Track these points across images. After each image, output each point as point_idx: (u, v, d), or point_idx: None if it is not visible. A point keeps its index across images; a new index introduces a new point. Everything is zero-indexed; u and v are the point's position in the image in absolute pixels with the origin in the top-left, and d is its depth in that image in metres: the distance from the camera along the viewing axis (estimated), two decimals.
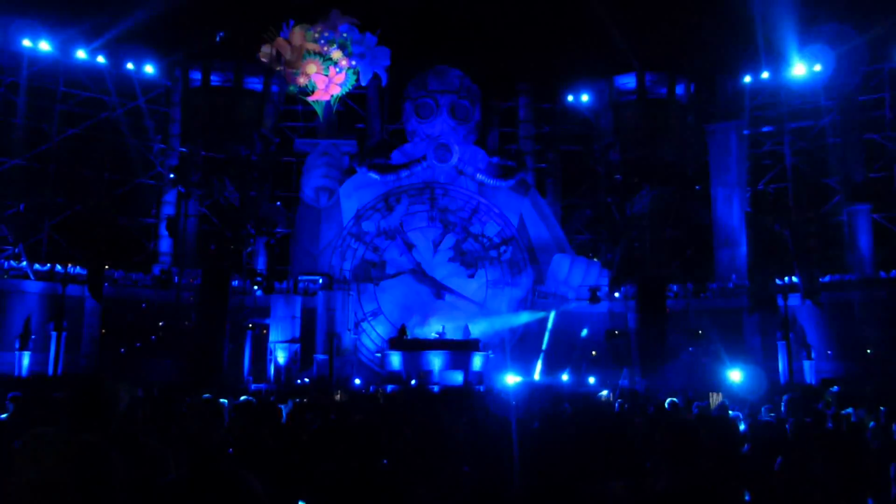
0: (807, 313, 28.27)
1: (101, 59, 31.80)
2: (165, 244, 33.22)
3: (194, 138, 31.88)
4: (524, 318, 32.59)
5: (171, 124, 34.17)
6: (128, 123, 32.79)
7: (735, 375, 24.93)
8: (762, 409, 12.85)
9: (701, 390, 22.20)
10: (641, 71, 32.80)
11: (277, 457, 6.29)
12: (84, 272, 27.92)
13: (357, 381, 28.91)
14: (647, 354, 28.38)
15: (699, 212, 33.38)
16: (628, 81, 33.26)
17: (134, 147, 32.89)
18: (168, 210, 32.86)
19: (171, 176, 32.12)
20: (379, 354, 31.63)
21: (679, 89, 33.27)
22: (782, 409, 12.89)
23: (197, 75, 32.31)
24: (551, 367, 30.10)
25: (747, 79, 33.15)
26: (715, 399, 19.89)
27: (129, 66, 32.62)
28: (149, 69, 33.22)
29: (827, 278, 28.64)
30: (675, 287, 31.60)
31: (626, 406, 13.93)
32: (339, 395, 25.58)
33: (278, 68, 31.95)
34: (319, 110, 34.00)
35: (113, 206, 29.83)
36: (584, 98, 34.96)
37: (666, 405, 13.52)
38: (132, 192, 33.06)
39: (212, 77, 32.36)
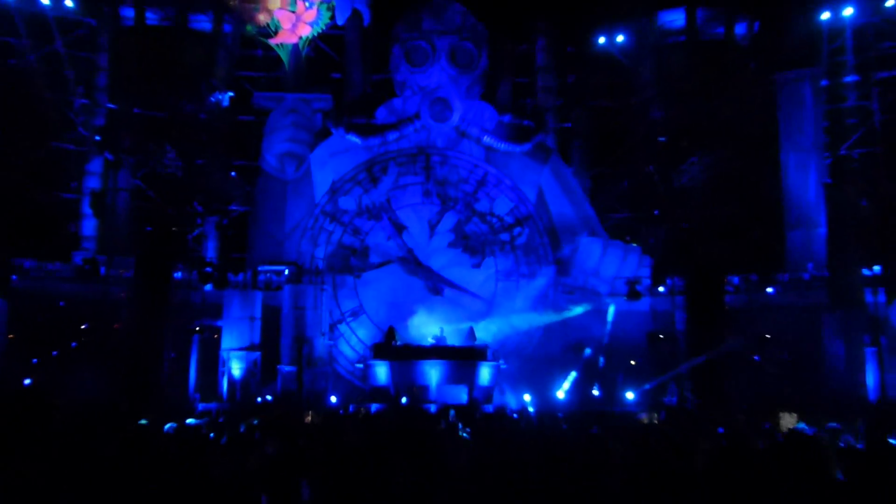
0: None
1: None
2: (89, 226, 32.91)
3: (126, 92, 31.64)
4: (544, 318, 32.40)
5: (98, 74, 33.79)
6: (42, 73, 32.38)
7: (811, 390, 24.81)
8: (845, 432, 12.67)
9: (769, 409, 22.05)
10: (692, 5, 32.54)
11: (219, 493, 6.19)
12: None
13: (333, 399, 28.83)
14: (700, 364, 28.15)
15: (766, 183, 33.10)
16: (675, 18, 33.04)
17: (50, 103, 32.46)
18: (92, 182, 32.56)
19: (97, 139, 31.84)
20: (361, 365, 31.44)
21: (739, 28, 33.00)
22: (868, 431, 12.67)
23: (129, 12, 32.05)
24: (577, 381, 29.97)
25: (825, 15, 32.76)
26: (787, 420, 19.73)
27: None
28: (69, 3, 32.73)
29: None
30: (735, 279, 31.40)
31: (676, 431, 13.71)
32: (309, 417, 25.42)
33: (232, 3, 31.68)
34: (285, 56, 33.72)
35: (23, 177, 29.51)
36: (619, 39, 34.71)
37: (723, 430, 13.31)
38: (47, 160, 32.69)
39: (148, 14, 32.19)
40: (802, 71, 33.34)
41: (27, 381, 26.51)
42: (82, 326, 29.48)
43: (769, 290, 31.15)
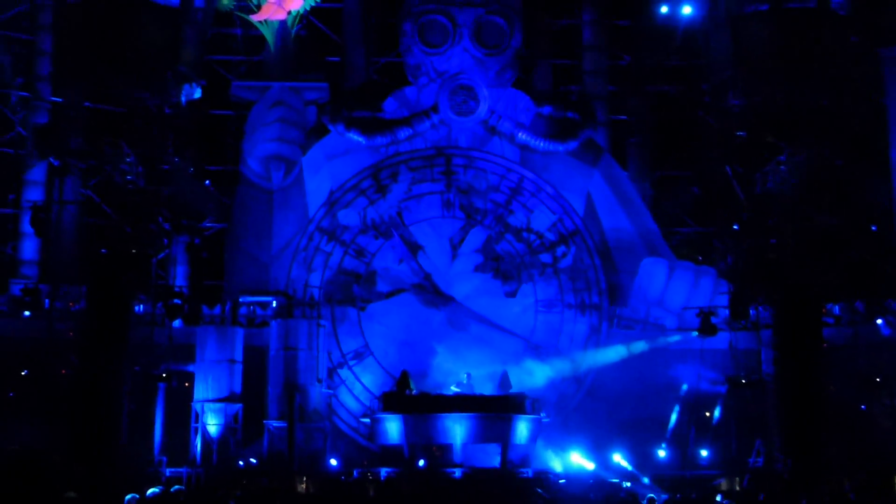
0: None
1: None
2: (30, 247, 33.15)
3: (74, 82, 31.79)
4: (596, 359, 32.33)
5: (39, 60, 34.08)
6: None
7: None
8: None
9: (880, 472, 21.93)
10: None
11: None
12: None
13: (333, 462, 28.96)
14: (793, 415, 28.04)
15: (872, 186, 32.99)
16: None
17: None
18: (34, 194, 32.76)
19: (39, 140, 32.01)
20: (367, 419, 31.41)
21: None
22: None
23: None
24: (637, 438, 29.91)
25: None
26: None
27: None
28: None
29: None
30: (835, 308, 31.28)
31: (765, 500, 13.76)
32: (304, 485, 25.46)
33: None
34: (269, 35, 33.90)
35: None
36: (686, 10, 34.70)
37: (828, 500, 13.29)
38: None
39: None
40: None
41: None
42: (23, 373, 29.62)
43: (879, 321, 31.01)
